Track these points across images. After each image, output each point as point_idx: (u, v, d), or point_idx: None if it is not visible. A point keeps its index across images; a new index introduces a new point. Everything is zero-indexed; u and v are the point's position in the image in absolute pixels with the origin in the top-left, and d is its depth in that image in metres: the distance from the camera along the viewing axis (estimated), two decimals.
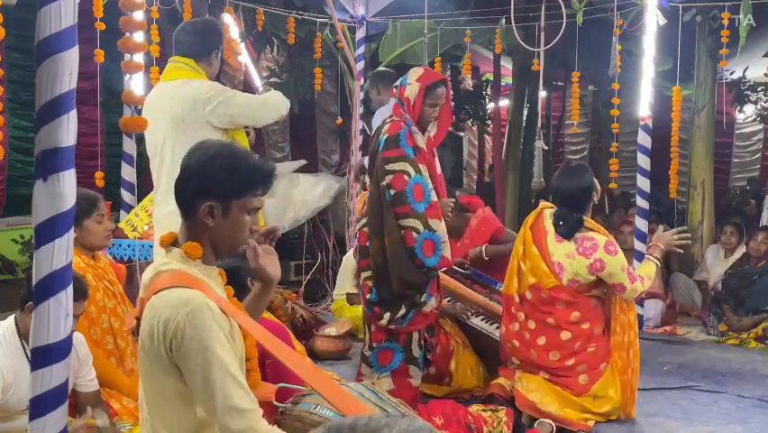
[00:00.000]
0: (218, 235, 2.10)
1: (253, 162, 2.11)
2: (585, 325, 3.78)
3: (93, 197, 3.57)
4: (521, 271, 3.90)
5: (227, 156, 2.07)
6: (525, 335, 3.87)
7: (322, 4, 7.39)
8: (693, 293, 6.77)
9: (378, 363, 3.86)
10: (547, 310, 3.81)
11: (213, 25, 3.87)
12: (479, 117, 11.84)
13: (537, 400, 3.70)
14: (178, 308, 1.94)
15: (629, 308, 3.84)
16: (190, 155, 2.10)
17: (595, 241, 3.75)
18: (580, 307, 3.79)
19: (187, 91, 3.58)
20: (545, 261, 3.82)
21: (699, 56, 7.28)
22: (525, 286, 3.87)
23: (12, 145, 6.82)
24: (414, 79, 3.83)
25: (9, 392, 2.82)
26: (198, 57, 3.65)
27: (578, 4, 6.59)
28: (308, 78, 8.53)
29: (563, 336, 3.77)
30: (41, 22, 2.05)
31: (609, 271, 3.72)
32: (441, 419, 3.35)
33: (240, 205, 2.08)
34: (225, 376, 1.92)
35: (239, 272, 3.27)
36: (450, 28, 8.02)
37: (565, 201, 3.86)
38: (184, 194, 2.09)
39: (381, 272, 3.72)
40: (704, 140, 7.43)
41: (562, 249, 3.80)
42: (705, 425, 3.85)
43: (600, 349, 3.80)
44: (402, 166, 3.66)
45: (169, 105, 3.57)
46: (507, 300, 3.99)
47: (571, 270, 3.76)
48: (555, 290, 3.79)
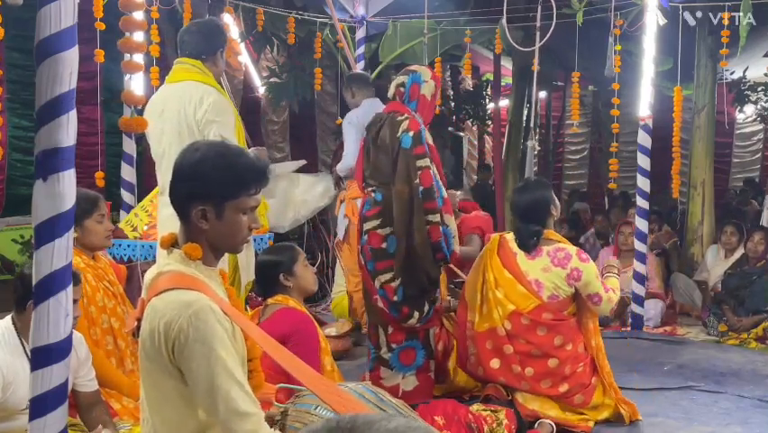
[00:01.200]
0: (215, 237, 2.08)
1: (245, 161, 2.07)
2: (569, 346, 3.73)
3: (94, 197, 3.57)
4: (498, 300, 3.78)
5: (217, 157, 2.04)
6: (512, 368, 3.76)
7: (322, 4, 7.39)
8: (693, 293, 6.77)
9: (400, 363, 3.90)
10: (530, 340, 3.72)
11: (216, 25, 3.86)
12: (479, 117, 11.85)
13: (538, 407, 3.71)
14: (181, 310, 1.93)
15: (593, 316, 3.84)
16: (182, 157, 2.08)
17: (567, 251, 3.75)
18: (561, 329, 3.72)
19: (192, 95, 3.55)
20: (521, 282, 3.75)
21: (699, 56, 7.28)
22: (504, 316, 3.76)
23: (12, 145, 6.83)
24: (429, 78, 3.88)
25: (9, 391, 2.82)
26: (204, 57, 3.63)
27: (578, 4, 6.59)
28: (308, 78, 8.53)
29: (551, 363, 3.71)
30: (40, 22, 2.05)
31: (586, 279, 3.69)
32: (442, 418, 3.35)
33: (234, 206, 2.05)
34: (229, 380, 1.92)
35: (273, 268, 3.31)
36: (450, 28, 8.02)
37: (523, 215, 3.86)
38: (178, 198, 2.08)
39: (410, 272, 3.76)
40: (704, 140, 7.43)
41: (536, 265, 3.75)
42: (705, 425, 3.85)
43: (588, 365, 3.79)
44: (427, 162, 3.73)
45: (177, 107, 3.55)
46: (482, 336, 3.83)
47: (550, 284, 3.71)
48: (536, 312, 3.71)
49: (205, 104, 3.47)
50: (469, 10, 8.15)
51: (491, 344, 3.80)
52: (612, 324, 6.34)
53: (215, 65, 3.69)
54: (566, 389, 3.71)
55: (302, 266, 3.39)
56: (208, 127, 3.46)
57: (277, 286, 3.34)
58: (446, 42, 8.19)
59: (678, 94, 6.61)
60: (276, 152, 10.19)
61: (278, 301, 3.32)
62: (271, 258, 3.39)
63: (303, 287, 3.42)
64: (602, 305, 3.73)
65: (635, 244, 6.09)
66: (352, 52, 7.38)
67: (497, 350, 3.79)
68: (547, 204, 3.83)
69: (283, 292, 3.34)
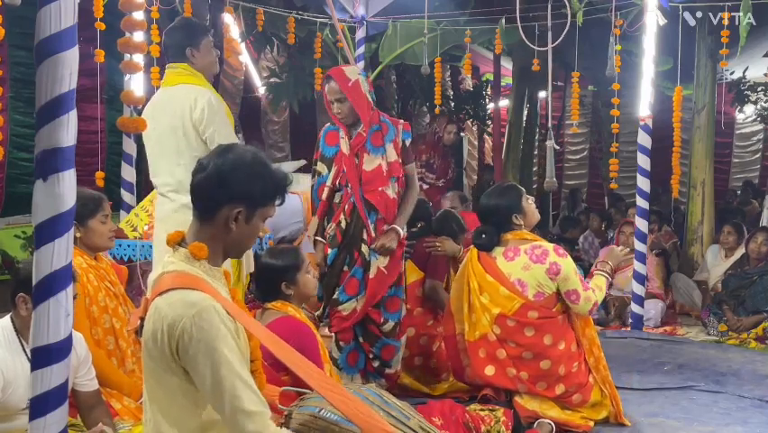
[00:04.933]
0: (235, 240, 2.11)
1: (277, 170, 2.13)
2: (561, 345, 3.71)
3: (98, 197, 3.57)
4: (484, 306, 3.79)
5: (256, 163, 2.08)
6: (508, 371, 3.75)
7: (322, 4, 7.40)
8: (693, 293, 6.78)
9: (347, 364, 3.99)
10: (519, 342, 3.70)
11: (191, 19, 3.85)
12: (479, 117, 11.84)
13: (537, 407, 3.70)
14: (184, 310, 1.93)
15: (587, 323, 3.85)
16: (221, 157, 2.07)
17: (544, 247, 3.76)
18: (549, 327, 3.70)
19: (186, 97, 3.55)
20: (504, 284, 3.74)
21: (699, 56, 7.29)
22: (491, 321, 3.76)
23: (14, 143, 6.83)
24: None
25: (9, 391, 2.82)
26: (190, 52, 3.61)
27: (578, 4, 6.59)
28: (308, 78, 8.53)
29: (543, 365, 3.68)
30: (41, 21, 2.05)
31: (565, 273, 3.68)
32: (440, 419, 3.35)
33: (262, 213, 2.11)
34: (234, 379, 1.92)
35: (276, 275, 3.31)
36: (450, 28, 8.02)
37: (486, 218, 3.90)
38: (209, 195, 2.07)
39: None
40: (704, 140, 7.43)
41: (516, 265, 3.75)
42: (705, 425, 3.85)
43: (582, 363, 3.77)
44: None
45: (173, 110, 3.54)
46: (474, 346, 3.83)
47: (533, 282, 3.70)
48: (521, 313, 3.69)
49: (200, 105, 3.48)
50: (469, 10, 8.15)
51: (484, 351, 3.80)
52: (612, 324, 6.35)
53: (205, 56, 3.64)
54: (563, 390, 3.71)
55: (304, 273, 3.37)
56: (209, 128, 3.47)
57: (278, 292, 3.32)
58: (446, 42, 8.19)
59: (678, 94, 6.61)
60: (276, 151, 10.21)
61: (276, 308, 3.29)
62: (275, 263, 3.33)
63: (303, 294, 3.41)
64: (580, 303, 3.69)
65: (635, 244, 6.09)
66: (352, 52, 7.38)
67: (490, 357, 3.78)
68: (509, 211, 3.82)
69: (283, 299, 3.32)
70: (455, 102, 11.82)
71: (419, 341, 4.32)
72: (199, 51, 3.63)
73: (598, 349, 3.84)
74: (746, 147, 13.82)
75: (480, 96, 11.68)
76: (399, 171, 3.93)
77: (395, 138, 3.93)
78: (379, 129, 3.90)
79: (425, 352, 4.33)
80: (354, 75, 3.89)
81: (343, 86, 3.81)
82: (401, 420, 2.50)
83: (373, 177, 3.85)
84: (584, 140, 13.87)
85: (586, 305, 3.70)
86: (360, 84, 3.85)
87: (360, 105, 3.83)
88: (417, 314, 4.34)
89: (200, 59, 3.63)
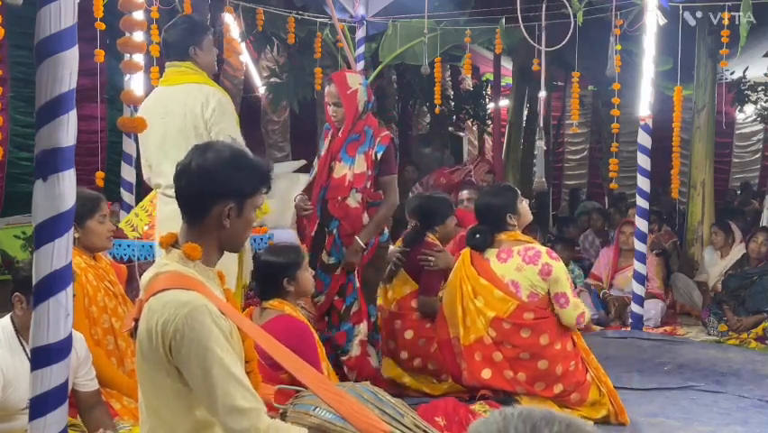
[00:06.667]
0: (230, 235, 2.11)
1: (256, 159, 2.14)
2: (557, 345, 3.72)
3: (96, 197, 3.57)
4: (478, 309, 3.80)
5: (235, 156, 2.09)
6: (505, 374, 3.75)
7: (322, 4, 7.39)
8: (693, 293, 6.78)
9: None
10: (515, 344, 3.71)
11: (192, 17, 3.87)
12: (479, 117, 11.85)
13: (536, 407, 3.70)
14: (177, 309, 1.93)
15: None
16: (195, 158, 2.07)
17: (536, 249, 3.79)
18: (545, 327, 3.72)
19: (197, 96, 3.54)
20: (498, 286, 3.76)
21: (699, 56, 7.29)
22: (487, 324, 3.77)
23: (14, 143, 6.83)
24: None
25: (9, 390, 2.82)
26: (192, 51, 3.61)
27: (578, 3, 6.59)
28: (308, 78, 8.53)
29: (541, 365, 3.70)
30: (40, 21, 2.05)
31: (556, 275, 3.70)
32: (443, 419, 3.34)
33: (252, 203, 2.12)
34: (226, 376, 1.92)
35: (277, 271, 3.32)
36: (450, 28, 8.02)
37: (482, 217, 3.93)
38: (194, 197, 2.08)
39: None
40: (704, 140, 7.43)
41: (509, 267, 3.77)
42: (705, 425, 3.85)
43: (579, 362, 3.78)
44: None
45: (182, 109, 3.51)
46: (469, 349, 3.84)
47: (526, 283, 3.72)
48: (516, 314, 3.71)
49: (212, 104, 3.49)
50: (469, 10, 8.15)
51: (480, 355, 3.80)
52: (612, 324, 6.35)
53: (207, 54, 3.65)
54: (561, 389, 3.71)
55: (304, 270, 3.40)
56: (216, 127, 3.47)
57: (278, 289, 3.33)
58: (446, 42, 8.19)
59: (678, 94, 6.61)
60: (276, 151, 10.20)
61: (274, 307, 3.30)
62: (276, 260, 3.36)
63: (303, 291, 3.44)
64: (568, 308, 3.71)
65: (635, 244, 6.09)
66: (352, 52, 7.38)
67: (487, 360, 3.79)
68: (504, 211, 3.86)
69: (282, 296, 3.34)
70: (455, 102, 11.83)
71: (417, 343, 4.32)
72: (202, 50, 3.63)
73: (587, 353, 3.86)
74: (746, 147, 13.82)
75: (480, 96, 11.69)
76: (362, 183, 3.93)
77: (368, 150, 3.95)
78: (356, 138, 3.96)
79: (424, 354, 4.32)
80: (355, 84, 3.96)
81: (342, 92, 3.91)
82: (396, 418, 2.49)
83: (337, 185, 3.95)
84: (584, 140, 13.88)
85: (574, 311, 3.73)
86: (357, 94, 3.94)
87: (349, 114, 3.93)
88: (415, 317, 4.34)
89: (203, 58, 3.64)
